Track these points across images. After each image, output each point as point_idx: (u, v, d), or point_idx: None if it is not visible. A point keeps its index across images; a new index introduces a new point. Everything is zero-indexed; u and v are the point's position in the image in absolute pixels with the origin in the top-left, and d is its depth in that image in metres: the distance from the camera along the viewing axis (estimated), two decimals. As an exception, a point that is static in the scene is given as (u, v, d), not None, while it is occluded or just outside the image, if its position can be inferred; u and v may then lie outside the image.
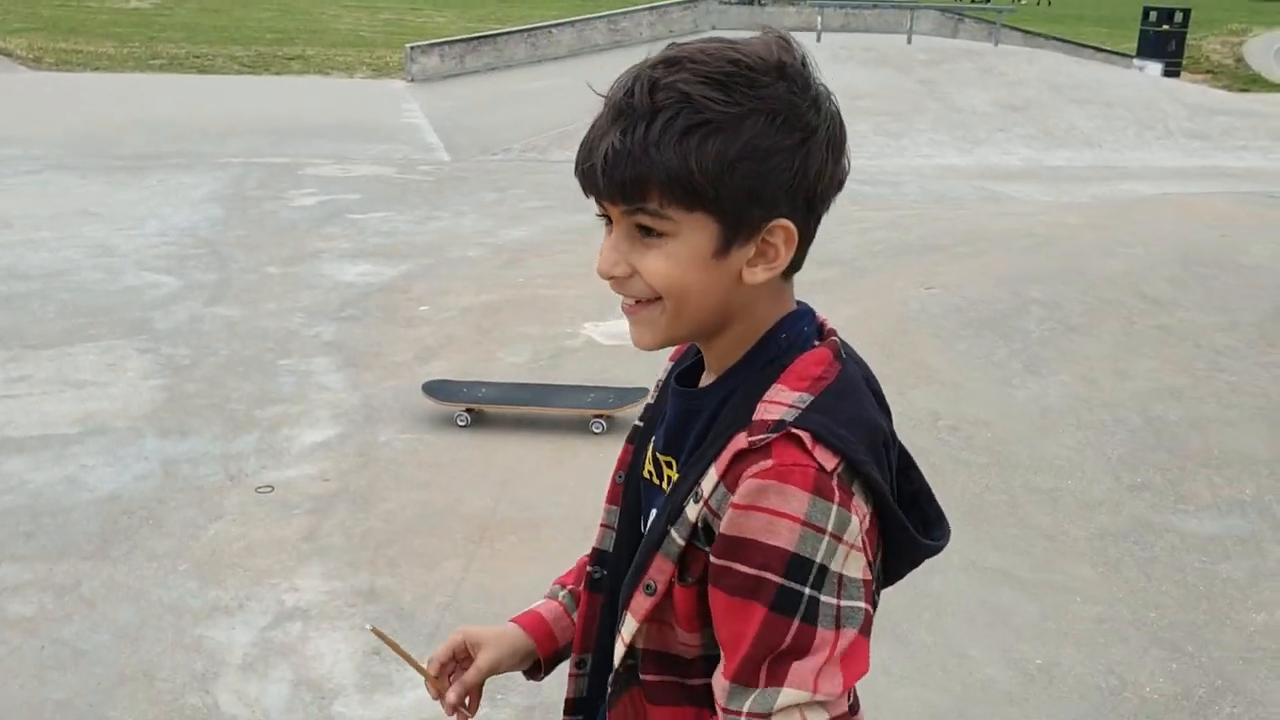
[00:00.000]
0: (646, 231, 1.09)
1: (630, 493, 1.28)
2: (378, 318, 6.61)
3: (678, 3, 21.31)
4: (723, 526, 1.04)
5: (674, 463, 1.19)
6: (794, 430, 1.04)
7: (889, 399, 1.18)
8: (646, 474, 1.25)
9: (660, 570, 1.12)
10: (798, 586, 1.03)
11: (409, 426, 5.06)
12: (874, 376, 1.19)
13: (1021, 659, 3.38)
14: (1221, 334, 5.38)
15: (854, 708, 1.13)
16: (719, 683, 1.08)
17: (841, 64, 15.48)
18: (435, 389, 5.14)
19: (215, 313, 6.53)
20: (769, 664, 1.04)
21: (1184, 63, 23.26)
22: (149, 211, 8.89)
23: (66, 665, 3.30)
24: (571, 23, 20.49)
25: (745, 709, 1.05)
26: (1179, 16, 22.85)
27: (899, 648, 3.42)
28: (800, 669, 1.04)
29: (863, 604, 1.06)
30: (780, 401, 1.08)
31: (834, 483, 1.03)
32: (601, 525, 1.34)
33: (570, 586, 1.43)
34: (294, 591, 3.71)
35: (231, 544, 4.00)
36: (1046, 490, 4.35)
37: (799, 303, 1.19)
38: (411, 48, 18.76)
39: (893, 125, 13.55)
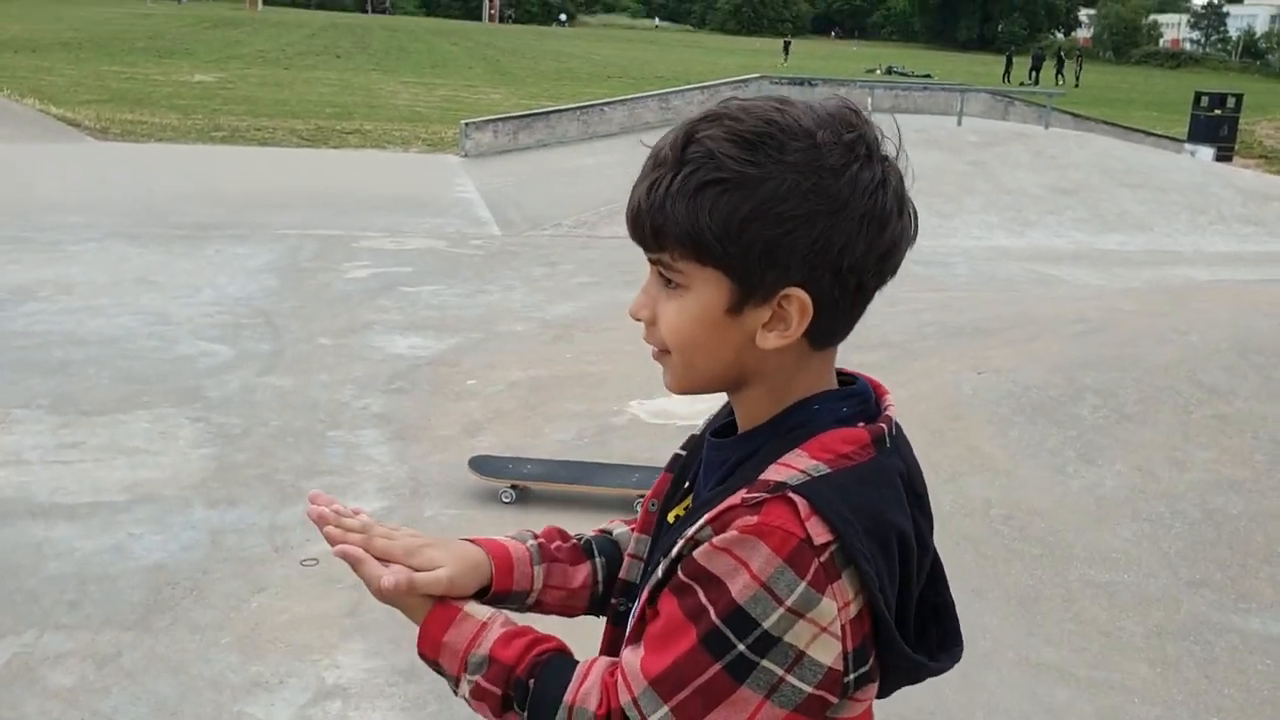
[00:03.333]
0: (667, 281, 1.11)
1: (660, 527, 1.26)
2: (426, 391, 6.64)
3: (728, 82, 21.59)
4: (697, 553, 1.05)
5: None
6: (791, 495, 1.03)
7: (938, 487, 1.17)
8: (673, 518, 1.24)
9: (642, 598, 1.13)
10: (732, 638, 1.02)
11: (454, 502, 5.06)
12: (920, 479, 1.16)
13: (1078, 763, 3.26)
14: (1282, 426, 5.25)
15: None
16: (634, 668, 1.08)
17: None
18: (481, 464, 5.14)
19: (267, 383, 6.60)
20: (686, 697, 1.04)
21: (1236, 148, 23.15)
22: (205, 281, 9.05)
23: (105, 739, 3.28)
24: (624, 101, 20.77)
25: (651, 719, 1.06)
26: (1231, 101, 22.80)
27: (950, 747, 3.32)
28: None
29: (811, 689, 1.04)
30: (792, 465, 1.07)
31: (818, 559, 1.01)
32: (629, 556, 1.31)
33: (541, 541, 1.36)
34: (335, 669, 3.69)
35: (274, 618, 3.99)
36: (1102, 584, 4.24)
37: (856, 380, 1.18)
38: (466, 123, 19.09)
39: (944, 206, 13.53)
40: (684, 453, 1.30)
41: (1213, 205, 14.32)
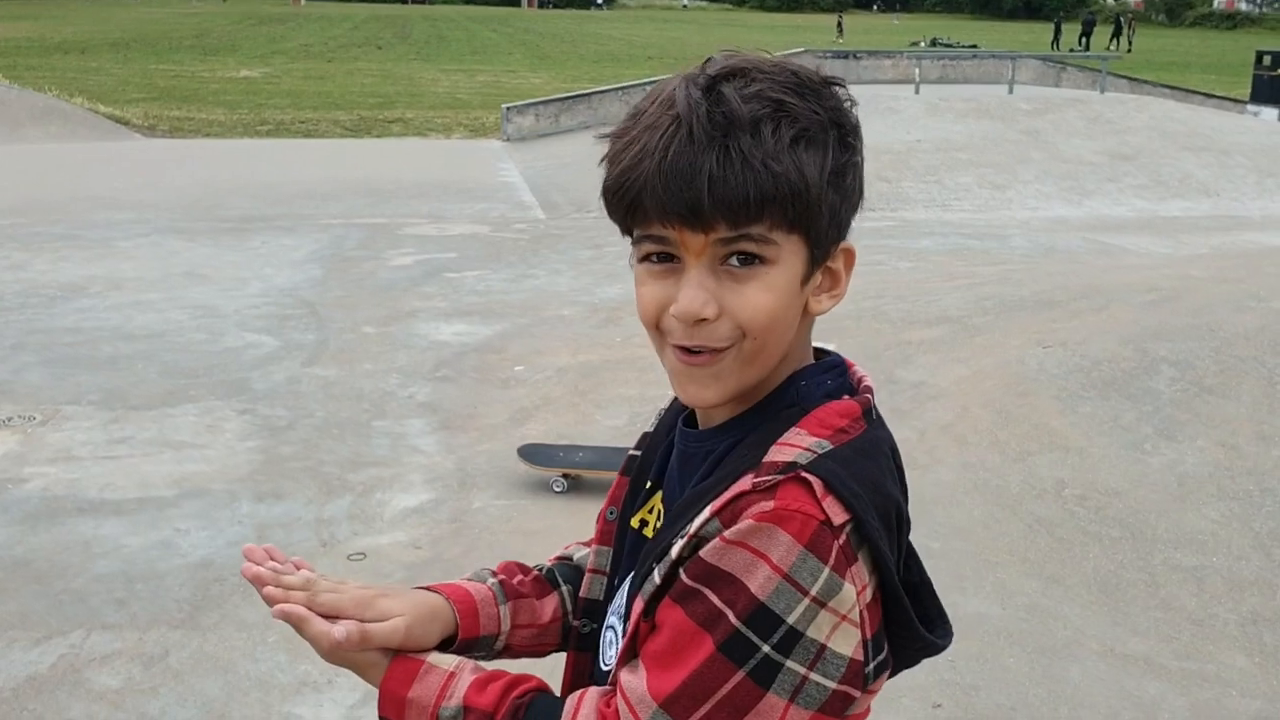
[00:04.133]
0: (745, 260, 0.97)
1: (622, 535, 1.18)
2: (473, 378, 6.51)
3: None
4: (704, 552, 0.95)
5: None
6: (805, 474, 0.95)
7: (1005, 467, 1.10)
8: (637, 523, 1.15)
9: (634, 610, 1.01)
10: (755, 639, 0.93)
11: (504, 492, 4.92)
12: (898, 451, 1.07)
13: (1175, 761, 3.05)
14: (1375, 395, 4.96)
15: None
16: (639, 691, 0.97)
17: (940, 115, 15.19)
18: (531, 453, 4.99)
19: (313, 373, 6.50)
20: (705, 713, 0.94)
21: (1301, 108, 22.38)
22: (252, 273, 9.00)
23: (151, 745, 3.18)
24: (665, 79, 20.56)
25: None
26: (1294, 61, 22.05)
27: (1035, 744, 3.12)
28: None
29: (835, 684, 0.95)
30: (796, 444, 0.99)
31: (837, 541, 0.94)
32: (590, 570, 1.22)
33: (502, 578, 1.23)
34: (385, 668, 3.55)
35: (322, 615, 3.87)
36: (1190, 568, 4.00)
37: (828, 353, 1.11)
38: (507, 108, 18.96)
39: (996, 177, 13.19)
40: (638, 453, 1.20)
41: (1280, 168, 13.84)
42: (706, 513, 0.96)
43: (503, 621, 1.20)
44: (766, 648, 0.93)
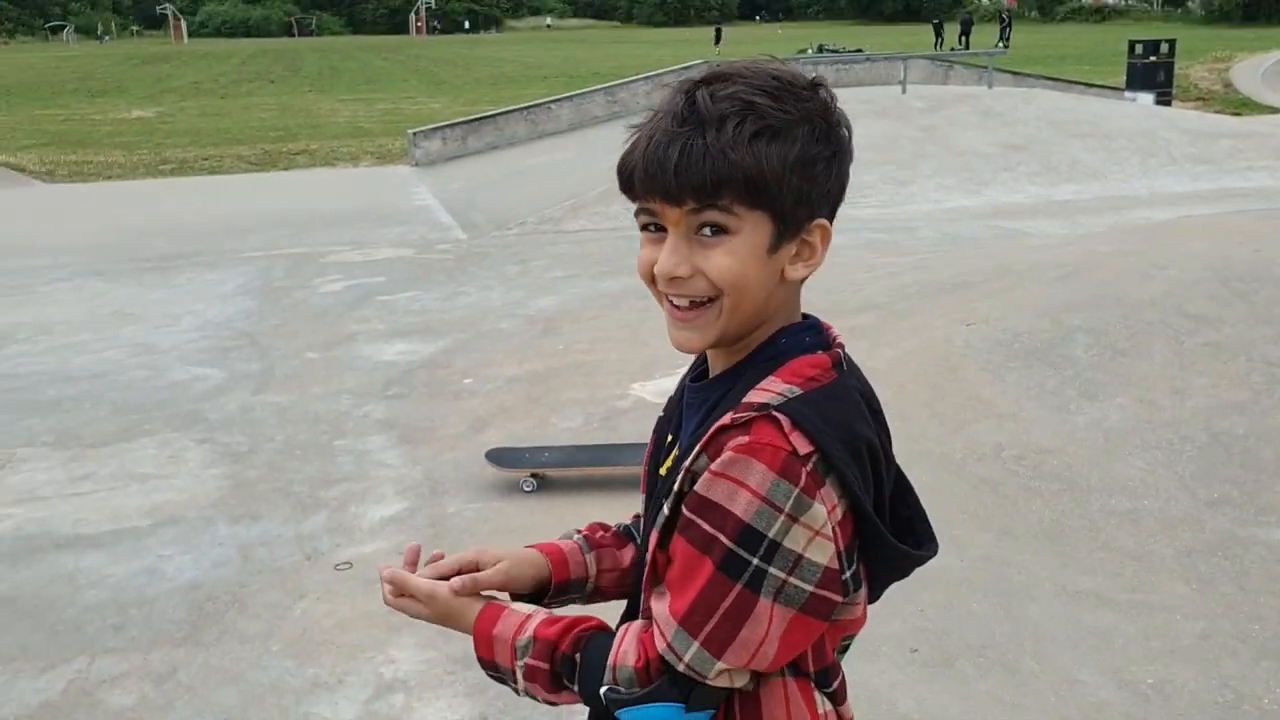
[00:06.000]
0: (714, 230, 1.19)
1: (652, 483, 1.36)
2: (424, 394, 6.65)
3: (672, 70, 21.66)
4: (698, 486, 1.16)
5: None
6: (774, 413, 1.14)
7: (946, 436, 1.33)
8: (664, 472, 1.32)
9: (651, 543, 1.24)
10: (746, 555, 1.13)
11: (475, 496, 5.08)
12: (875, 397, 1.28)
13: (1133, 680, 3.36)
14: (1273, 346, 5.40)
15: (827, 679, 1.25)
16: (663, 614, 1.17)
17: (841, 118, 15.63)
18: (499, 456, 5.17)
19: (264, 400, 6.58)
20: (714, 626, 1.14)
21: (1174, 92, 23.54)
22: (183, 309, 8.99)
23: (179, 752, 3.29)
24: (570, 97, 20.78)
25: (686, 658, 1.16)
26: (1165, 47, 23.14)
27: (1007, 678, 3.41)
28: (737, 647, 1.14)
29: (812, 588, 1.15)
30: (769, 389, 1.18)
31: (805, 468, 1.13)
32: (636, 517, 1.47)
33: (585, 533, 1.49)
34: (391, 664, 3.71)
35: (320, 621, 4.01)
36: (1125, 512, 4.35)
37: (808, 316, 1.30)
38: (414, 133, 19.01)
39: (899, 173, 13.69)
40: (664, 414, 1.41)
41: (1162, 148, 14.59)
42: (696, 449, 1.18)
43: (590, 567, 1.45)
44: (756, 560, 1.13)
